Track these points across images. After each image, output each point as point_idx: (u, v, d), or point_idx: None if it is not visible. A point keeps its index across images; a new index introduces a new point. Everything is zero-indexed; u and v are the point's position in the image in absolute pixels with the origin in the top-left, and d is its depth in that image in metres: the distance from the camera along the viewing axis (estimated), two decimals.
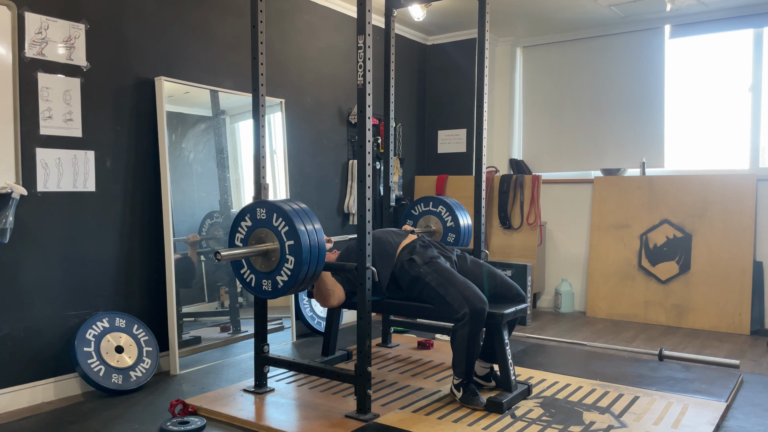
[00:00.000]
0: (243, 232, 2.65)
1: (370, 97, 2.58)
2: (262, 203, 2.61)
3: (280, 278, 2.55)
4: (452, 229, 3.67)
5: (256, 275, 2.63)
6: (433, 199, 3.77)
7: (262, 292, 2.62)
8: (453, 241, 3.68)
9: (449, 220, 3.68)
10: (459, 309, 2.63)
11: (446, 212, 3.69)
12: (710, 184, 4.61)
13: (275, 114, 4.06)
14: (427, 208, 3.78)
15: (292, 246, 2.50)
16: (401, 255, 2.89)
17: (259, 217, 2.60)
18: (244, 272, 2.67)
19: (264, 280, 2.60)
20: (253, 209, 2.62)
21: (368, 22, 2.55)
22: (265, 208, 2.58)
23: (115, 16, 3.17)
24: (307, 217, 2.57)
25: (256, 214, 2.61)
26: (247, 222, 2.63)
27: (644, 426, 2.55)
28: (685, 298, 4.63)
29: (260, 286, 2.62)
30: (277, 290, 2.57)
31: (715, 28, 4.76)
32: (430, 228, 3.73)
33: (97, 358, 2.96)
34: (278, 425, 2.54)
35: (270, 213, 2.56)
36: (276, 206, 2.56)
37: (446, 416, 2.63)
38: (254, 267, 2.63)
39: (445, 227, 3.70)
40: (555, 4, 4.69)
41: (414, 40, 5.52)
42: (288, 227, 2.51)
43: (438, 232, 3.72)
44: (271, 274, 2.57)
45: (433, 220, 3.74)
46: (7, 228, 2.69)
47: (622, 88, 5.19)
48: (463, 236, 3.67)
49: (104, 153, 3.14)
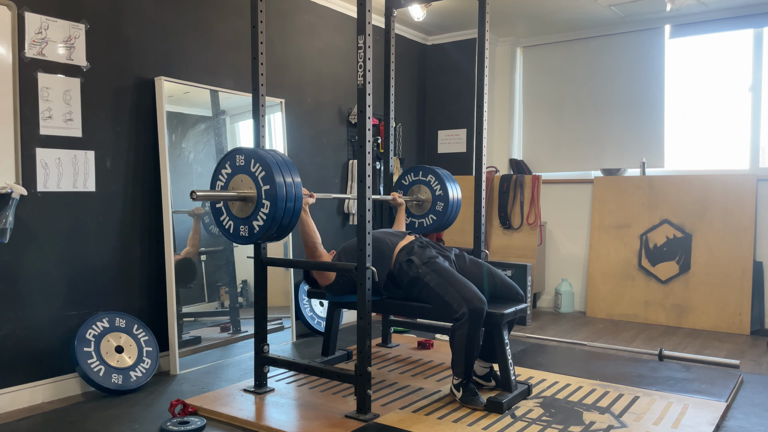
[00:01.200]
0: (223, 179, 2.67)
1: (370, 97, 2.58)
2: (241, 150, 2.64)
3: (256, 223, 2.57)
4: (441, 198, 3.64)
5: (234, 221, 2.66)
6: (423, 168, 3.73)
7: (240, 237, 2.65)
8: (441, 210, 3.64)
9: (438, 188, 3.66)
10: (458, 309, 2.63)
11: (436, 182, 3.67)
12: (710, 184, 4.61)
13: (275, 114, 4.06)
14: (417, 177, 3.75)
15: (268, 191, 2.52)
16: (399, 256, 2.89)
17: (238, 164, 2.62)
18: (223, 219, 2.70)
19: (241, 225, 2.63)
20: (233, 156, 2.65)
21: (368, 22, 2.55)
22: (243, 155, 2.61)
23: (115, 16, 3.18)
24: (287, 168, 2.59)
25: (236, 161, 2.63)
26: (227, 169, 2.66)
27: (644, 426, 2.55)
28: (685, 298, 4.63)
29: (237, 231, 2.65)
30: (253, 235, 2.59)
31: (715, 28, 4.76)
32: (420, 198, 3.70)
33: (97, 358, 2.96)
34: (278, 425, 2.54)
35: (248, 159, 2.59)
36: (254, 152, 2.59)
37: (446, 416, 2.63)
38: (232, 213, 2.66)
39: (434, 196, 3.67)
40: (555, 5, 4.69)
41: (414, 40, 5.52)
42: (265, 173, 2.54)
43: (427, 201, 3.69)
44: (248, 219, 2.60)
45: (423, 190, 3.72)
46: (7, 228, 2.69)
47: (622, 88, 5.19)
48: (452, 207, 3.65)
49: (104, 153, 3.14)
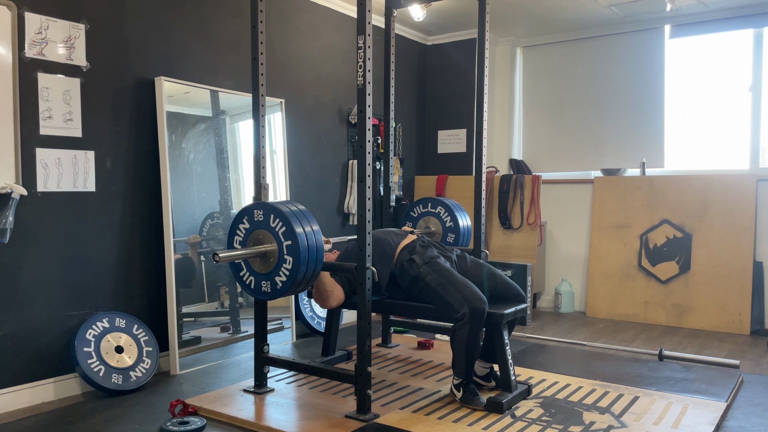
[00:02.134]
0: (241, 234, 2.65)
1: (370, 97, 2.58)
2: (260, 205, 2.61)
3: (279, 279, 2.55)
4: (451, 230, 3.67)
5: (255, 277, 2.63)
6: (432, 200, 3.77)
7: (261, 293, 2.62)
8: (453, 242, 3.67)
9: (448, 220, 3.68)
10: (459, 309, 2.63)
11: (445, 213, 3.69)
12: (710, 184, 4.61)
13: (275, 114, 4.06)
14: (426, 209, 3.78)
15: (290, 246, 2.50)
16: (401, 255, 2.89)
17: (257, 219, 2.60)
18: (243, 274, 2.67)
19: (263, 281, 2.60)
20: (250, 211, 2.62)
21: (368, 22, 2.54)
22: (262, 210, 2.59)
23: (115, 16, 3.18)
24: (305, 218, 2.57)
25: (254, 216, 2.61)
26: (245, 224, 2.63)
27: (644, 426, 2.55)
28: (685, 298, 4.63)
29: (259, 287, 2.62)
30: (276, 291, 2.57)
31: (715, 28, 4.76)
32: (430, 229, 3.73)
33: (97, 358, 2.96)
34: (278, 425, 2.54)
35: (267, 214, 2.57)
36: (273, 207, 2.56)
37: (446, 416, 2.63)
38: (253, 269, 2.63)
39: (444, 228, 3.69)
40: (555, 4, 4.69)
41: (414, 40, 5.52)
42: (285, 228, 2.51)
43: (437, 233, 3.71)
44: (270, 275, 2.57)
45: (433, 221, 3.74)
46: (7, 228, 2.69)
47: (622, 88, 5.19)
48: (463, 237, 3.68)
49: (104, 153, 3.14)
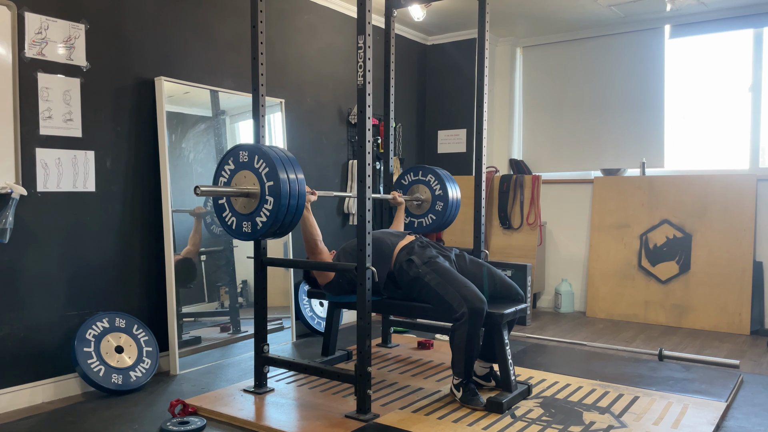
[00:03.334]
0: (226, 175, 2.67)
1: (370, 97, 2.58)
2: (245, 146, 2.63)
3: (260, 219, 2.57)
4: (440, 198, 3.64)
5: (236, 217, 2.65)
6: (422, 168, 3.73)
7: (243, 234, 2.64)
8: (441, 210, 3.63)
9: (438, 188, 3.66)
10: (458, 309, 2.63)
11: (435, 181, 3.67)
12: (710, 184, 4.61)
13: (275, 114, 4.06)
14: (417, 177, 3.74)
15: (272, 187, 2.52)
16: (399, 256, 2.89)
17: (242, 160, 2.62)
18: (225, 215, 2.69)
19: (244, 221, 2.63)
20: (236, 152, 2.65)
21: (368, 22, 2.54)
22: (247, 151, 2.61)
23: (115, 16, 3.18)
24: (290, 164, 2.59)
25: (239, 157, 2.63)
26: (230, 165, 2.66)
27: (644, 426, 2.55)
28: (685, 298, 4.63)
29: (240, 227, 2.64)
30: (256, 231, 2.59)
31: (715, 28, 4.76)
32: (419, 197, 3.70)
33: (97, 358, 2.96)
34: (278, 425, 2.54)
35: (252, 155, 2.59)
36: (258, 148, 2.59)
37: (446, 416, 2.63)
38: (235, 209, 2.65)
39: (433, 196, 3.67)
40: (555, 5, 4.69)
41: (414, 40, 5.52)
42: (268, 169, 2.53)
43: (427, 201, 3.69)
44: (251, 216, 2.60)
45: (422, 189, 3.71)
46: (7, 228, 2.69)
47: (622, 88, 5.19)
48: (451, 207, 3.65)
49: (104, 153, 3.14)
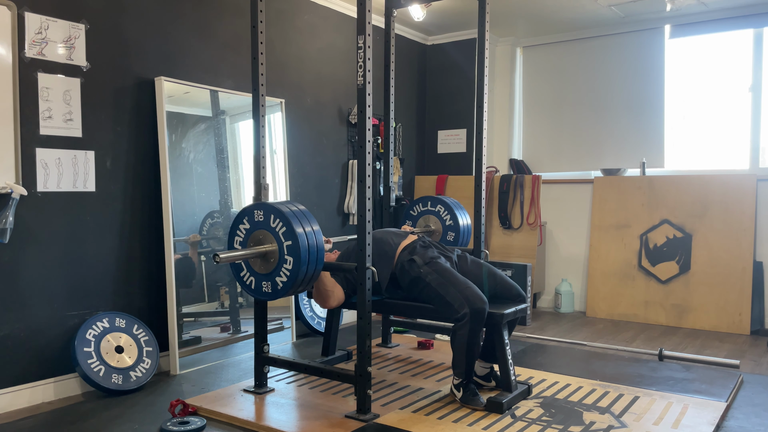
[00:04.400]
0: (241, 234, 2.65)
1: (370, 97, 2.58)
2: (260, 205, 2.61)
3: (280, 279, 2.55)
4: (451, 228, 3.67)
5: (255, 277, 2.63)
6: (431, 198, 3.77)
7: (262, 293, 2.62)
8: (452, 240, 3.67)
9: (448, 219, 3.68)
10: (459, 309, 2.63)
11: (445, 211, 3.69)
12: (710, 184, 4.61)
13: (275, 114, 4.06)
14: (426, 208, 3.78)
15: (291, 246, 2.50)
16: (401, 255, 2.89)
17: (257, 220, 2.60)
18: (243, 275, 2.67)
19: (263, 281, 2.61)
20: (251, 212, 2.62)
21: (368, 22, 2.54)
22: (262, 210, 2.59)
23: (115, 16, 3.18)
24: (305, 219, 2.57)
25: (254, 217, 2.61)
26: (245, 224, 2.64)
27: (644, 426, 2.55)
28: (685, 298, 4.63)
29: (260, 287, 2.62)
30: (276, 291, 2.57)
31: (715, 28, 4.76)
32: (430, 228, 3.73)
33: (97, 358, 2.96)
34: (278, 425, 2.54)
35: (268, 215, 2.57)
36: (273, 208, 2.56)
37: (446, 416, 2.63)
38: (253, 269, 2.63)
39: (444, 226, 3.69)
40: (555, 4, 4.69)
41: (414, 40, 5.52)
42: (286, 228, 2.51)
43: (437, 232, 3.71)
44: (270, 276, 2.57)
45: (432, 220, 3.74)
46: (7, 228, 2.69)
47: (622, 88, 5.19)
48: (463, 235, 3.67)
49: (104, 153, 3.14)
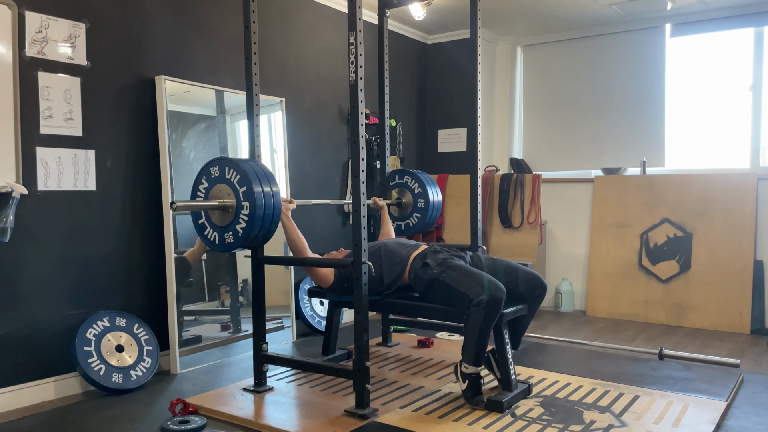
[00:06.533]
0: (202, 193, 2.75)
1: (363, 93, 2.61)
2: (214, 161, 2.71)
3: (239, 226, 2.63)
4: (421, 195, 3.80)
5: (218, 231, 2.71)
6: (398, 171, 3.89)
7: (226, 245, 2.70)
8: (422, 207, 3.77)
9: (416, 187, 3.81)
10: (476, 296, 2.61)
11: (413, 181, 3.82)
12: (711, 183, 4.60)
13: (275, 113, 4.06)
14: (395, 182, 3.91)
15: (246, 192, 2.59)
16: (414, 263, 2.91)
17: (213, 175, 2.70)
18: (207, 233, 2.76)
19: (225, 233, 2.68)
20: (206, 169, 2.73)
21: (359, 18, 2.60)
22: (217, 165, 2.69)
23: (115, 15, 3.18)
24: (261, 170, 2.67)
25: (210, 173, 2.71)
26: (204, 183, 2.74)
27: (644, 425, 2.54)
28: (686, 298, 4.63)
29: (223, 239, 2.70)
30: (237, 239, 2.64)
31: (715, 27, 4.76)
32: (401, 199, 3.86)
33: (97, 357, 2.97)
34: (278, 424, 2.54)
35: (222, 168, 2.67)
36: (226, 160, 2.67)
37: (446, 415, 2.63)
38: (214, 223, 2.72)
39: (413, 195, 3.82)
40: (555, 3, 4.69)
41: (414, 39, 5.51)
42: (240, 176, 2.60)
43: (408, 202, 3.84)
44: (231, 226, 2.66)
45: (403, 191, 3.89)
46: (7, 227, 2.69)
47: (622, 87, 5.18)
48: (432, 207, 3.78)
49: (105, 152, 3.15)
